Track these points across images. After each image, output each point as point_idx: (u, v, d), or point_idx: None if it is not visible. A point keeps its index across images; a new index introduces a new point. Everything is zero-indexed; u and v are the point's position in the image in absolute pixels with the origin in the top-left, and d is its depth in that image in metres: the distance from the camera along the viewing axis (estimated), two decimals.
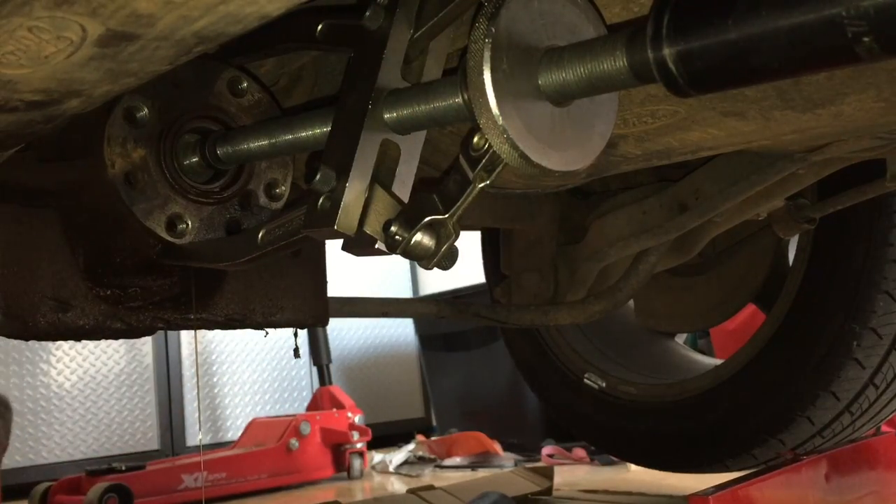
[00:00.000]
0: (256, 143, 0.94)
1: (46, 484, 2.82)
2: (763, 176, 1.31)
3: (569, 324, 1.75)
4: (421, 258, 0.73)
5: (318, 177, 0.75)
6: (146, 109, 0.97)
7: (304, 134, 0.88)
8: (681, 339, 2.35)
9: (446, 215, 0.72)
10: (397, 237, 0.73)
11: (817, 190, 1.58)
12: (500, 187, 1.34)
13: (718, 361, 1.98)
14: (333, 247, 1.41)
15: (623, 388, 1.98)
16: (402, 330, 4.74)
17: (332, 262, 1.35)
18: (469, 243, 2.89)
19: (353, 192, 0.74)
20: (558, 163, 0.65)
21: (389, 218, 0.74)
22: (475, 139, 0.67)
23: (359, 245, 0.76)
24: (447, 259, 0.74)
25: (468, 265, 2.91)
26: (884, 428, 1.95)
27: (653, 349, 2.21)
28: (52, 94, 0.70)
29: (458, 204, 0.71)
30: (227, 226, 1.03)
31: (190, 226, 0.99)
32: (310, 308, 1.30)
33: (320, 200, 0.75)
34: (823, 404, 1.60)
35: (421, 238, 0.72)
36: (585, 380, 2.03)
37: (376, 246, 0.74)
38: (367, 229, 0.74)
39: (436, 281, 4.80)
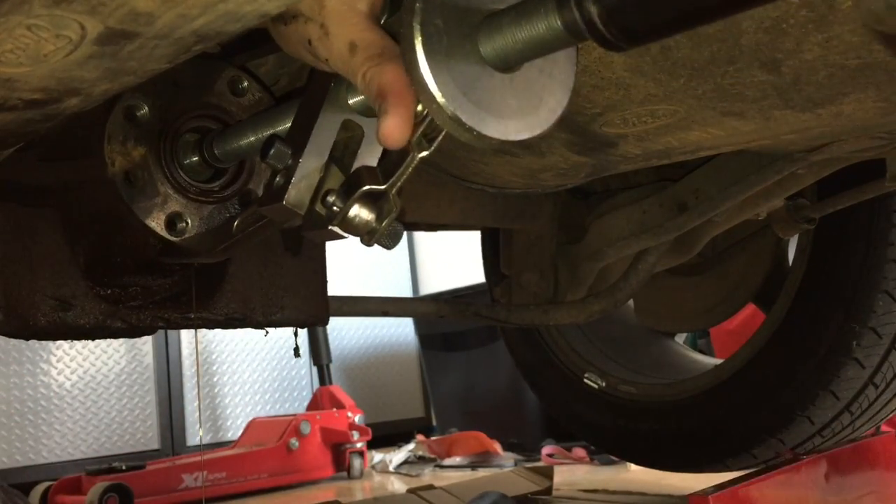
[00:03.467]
0: (246, 140, 0.94)
1: (46, 484, 2.82)
2: (763, 176, 1.31)
3: (569, 323, 1.75)
4: (360, 233, 0.72)
5: (272, 152, 0.75)
6: (146, 108, 0.97)
7: (283, 126, 0.88)
8: (681, 338, 2.35)
9: (385, 186, 0.70)
10: (335, 208, 0.73)
11: (817, 190, 1.58)
12: (499, 187, 1.34)
13: (718, 361, 1.98)
14: (333, 246, 1.41)
15: (623, 387, 1.98)
16: (402, 330, 4.74)
17: (333, 261, 1.36)
18: (469, 243, 2.90)
19: (306, 169, 0.74)
20: (497, 130, 0.62)
21: (329, 188, 0.74)
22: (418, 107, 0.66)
23: (314, 226, 0.75)
24: (389, 237, 0.72)
25: (468, 265, 2.91)
26: (883, 428, 1.95)
27: (653, 349, 2.21)
28: (52, 93, 0.70)
29: (398, 174, 0.69)
30: (227, 224, 1.03)
31: (190, 224, 1.00)
32: (310, 307, 1.30)
33: (276, 178, 0.75)
34: (823, 404, 1.60)
35: (359, 211, 0.71)
36: (585, 379, 2.03)
37: (331, 228, 0.73)
38: (318, 208, 0.74)
39: (436, 281, 4.80)
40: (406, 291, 4.93)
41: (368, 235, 0.72)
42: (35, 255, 1.07)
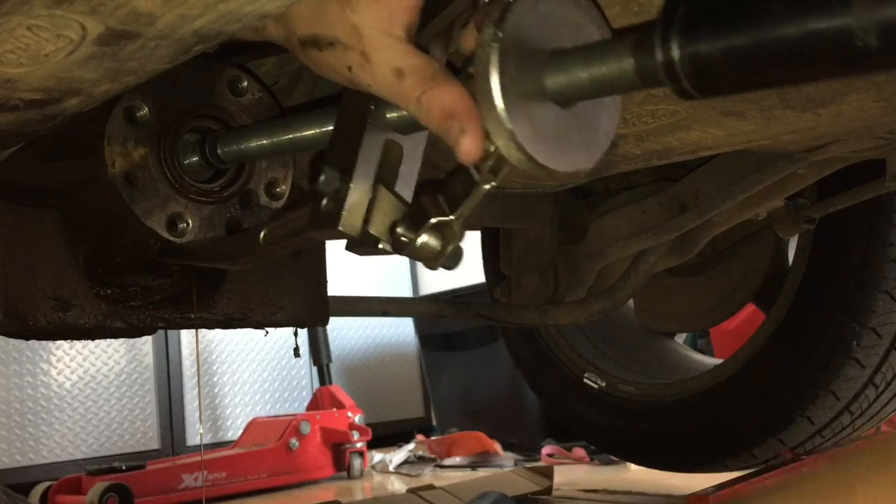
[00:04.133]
0: (257, 143, 0.94)
1: (46, 484, 2.82)
2: (763, 176, 1.31)
3: (568, 323, 1.75)
4: (427, 259, 0.73)
5: (321, 178, 0.75)
6: (146, 108, 0.97)
7: (304, 133, 0.89)
8: (680, 338, 2.35)
9: (452, 217, 0.72)
10: (403, 238, 0.74)
11: (817, 190, 1.58)
12: (500, 187, 1.34)
13: (718, 361, 1.98)
14: (334, 246, 1.41)
15: (623, 387, 1.98)
16: (402, 330, 4.74)
17: (333, 261, 1.36)
18: (469, 243, 2.89)
19: (357, 193, 0.74)
20: (565, 164, 0.65)
21: (395, 219, 0.75)
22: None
23: (363, 245, 0.76)
24: (452, 259, 0.74)
25: (468, 265, 2.91)
26: (883, 428, 1.95)
27: (653, 349, 2.21)
28: (52, 93, 0.70)
29: (464, 205, 0.71)
30: (228, 225, 1.03)
31: (190, 225, 1.00)
32: (310, 307, 1.30)
33: (324, 201, 0.76)
34: (823, 404, 1.60)
35: (427, 239, 0.72)
36: (585, 379, 2.03)
37: (380, 246, 0.75)
38: (372, 230, 0.74)
39: (436, 281, 4.80)
40: (406, 291, 4.93)
41: (434, 260, 0.73)
42: (35, 255, 1.07)
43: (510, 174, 0.67)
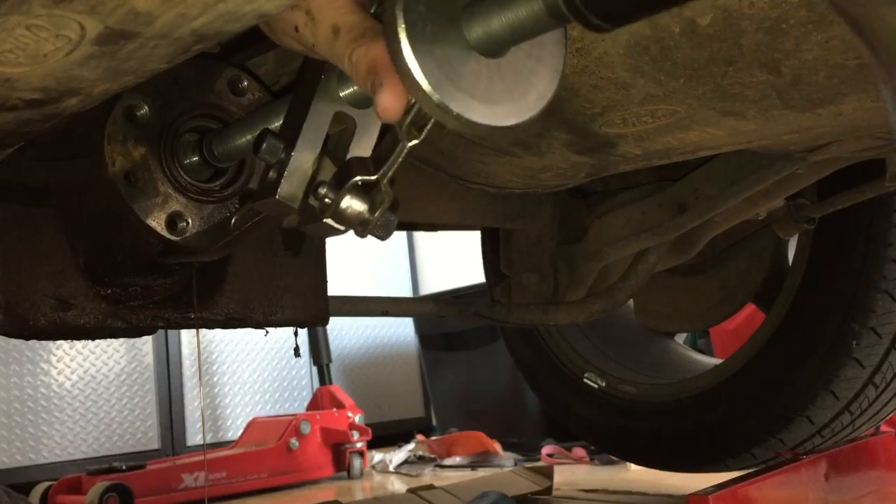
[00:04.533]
0: (243, 138, 0.94)
1: (46, 484, 2.82)
2: (762, 176, 1.31)
3: (568, 323, 1.75)
4: (353, 224, 0.72)
5: (264, 146, 0.75)
6: (146, 108, 0.97)
7: (277, 122, 0.88)
8: (680, 338, 2.35)
9: (376, 176, 0.70)
10: (326, 199, 0.72)
11: (817, 190, 1.58)
12: (499, 187, 1.34)
13: (718, 361, 1.98)
14: (334, 246, 1.41)
15: (623, 387, 1.98)
16: (402, 330, 4.74)
17: (333, 261, 1.36)
18: (469, 243, 2.90)
19: (298, 163, 0.73)
20: (486, 116, 0.62)
21: (321, 180, 0.74)
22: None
23: (310, 220, 0.75)
24: (383, 228, 0.72)
25: (468, 265, 2.91)
26: (883, 427, 1.95)
27: (652, 349, 2.21)
28: (51, 93, 0.70)
29: (388, 164, 0.69)
30: (225, 222, 1.03)
31: (190, 224, 1.00)
32: (310, 307, 1.30)
33: (269, 173, 0.75)
34: (823, 404, 1.60)
35: (351, 202, 0.71)
36: (585, 379, 2.03)
37: (326, 221, 0.73)
38: (311, 201, 0.74)
39: (436, 280, 4.80)
40: (406, 291, 4.93)
41: (362, 227, 0.72)
42: (35, 255, 1.07)
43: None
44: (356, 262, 4.37)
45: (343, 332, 4.56)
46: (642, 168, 1.30)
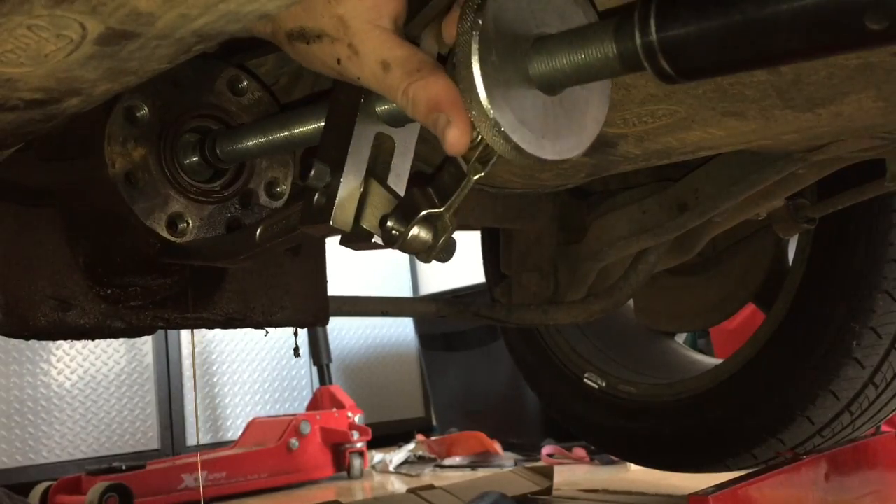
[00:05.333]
0: (254, 141, 0.94)
1: (46, 484, 2.82)
2: (763, 176, 1.31)
3: (569, 323, 1.75)
4: (418, 252, 0.73)
5: (312, 173, 0.75)
6: (146, 108, 0.97)
7: (298, 130, 0.88)
8: (680, 338, 2.35)
9: (442, 208, 0.71)
10: (394, 231, 0.73)
11: (817, 190, 1.58)
12: (499, 187, 1.34)
13: (718, 361, 1.98)
14: (334, 246, 1.41)
15: (623, 387, 1.98)
16: (402, 330, 4.74)
17: (333, 261, 1.35)
18: (469, 243, 2.90)
19: (348, 187, 0.74)
20: (552, 152, 0.64)
21: (385, 213, 0.74)
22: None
23: (356, 240, 0.76)
24: (444, 252, 0.73)
25: (468, 265, 2.92)
26: (883, 427, 1.95)
27: (653, 349, 2.21)
28: (52, 93, 0.70)
29: (454, 196, 0.71)
30: (228, 224, 1.03)
31: (191, 225, 1.00)
32: (310, 307, 1.30)
33: (315, 196, 0.75)
34: (823, 404, 1.60)
35: (418, 232, 0.72)
36: (585, 379, 2.03)
37: (374, 241, 0.74)
38: (364, 224, 0.74)
39: (436, 280, 4.80)
40: (406, 291, 4.93)
41: (425, 254, 0.73)
42: (35, 255, 1.07)
43: (504, 171, 0.67)
44: (356, 262, 4.37)
45: (343, 332, 4.56)
46: (642, 168, 1.30)
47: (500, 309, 1.75)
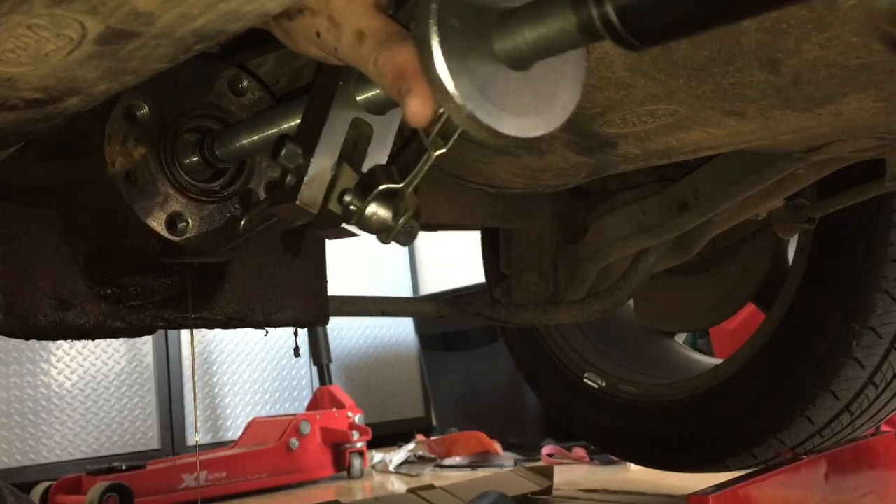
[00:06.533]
0: (247, 139, 0.94)
1: (46, 483, 2.82)
2: (763, 176, 1.31)
3: (569, 323, 1.75)
4: (377, 231, 0.72)
5: (283, 152, 0.75)
6: (146, 108, 0.97)
7: (286, 125, 0.88)
8: (680, 338, 2.35)
9: (402, 184, 0.71)
10: (352, 207, 0.73)
11: (817, 190, 1.58)
12: (499, 187, 1.34)
13: (718, 361, 1.98)
14: (334, 246, 1.41)
15: (623, 387, 1.98)
16: (402, 330, 4.74)
17: (333, 261, 1.36)
18: (469, 243, 2.90)
19: (318, 168, 0.74)
20: (514, 128, 0.63)
21: (345, 187, 0.74)
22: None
23: (326, 223, 0.75)
24: (406, 234, 0.73)
25: (468, 265, 2.91)
26: (883, 427, 1.95)
27: (652, 349, 2.21)
28: (52, 93, 0.70)
29: (414, 172, 0.70)
30: (233, 224, 1.03)
31: (190, 224, 1.00)
32: (310, 307, 1.30)
33: (288, 177, 0.75)
34: (823, 404, 1.60)
35: (376, 209, 0.71)
36: (585, 379, 2.03)
37: (345, 226, 0.74)
38: (332, 206, 0.74)
39: (436, 280, 4.80)
40: (406, 291, 4.93)
41: (385, 233, 0.72)
42: (35, 255, 1.07)
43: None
44: (356, 262, 4.37)
45: (343, 332, 4.56)
46: (642, 168, 1.30)
47: (500, 309, 1.75)
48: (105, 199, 0.98)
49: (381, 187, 0.71)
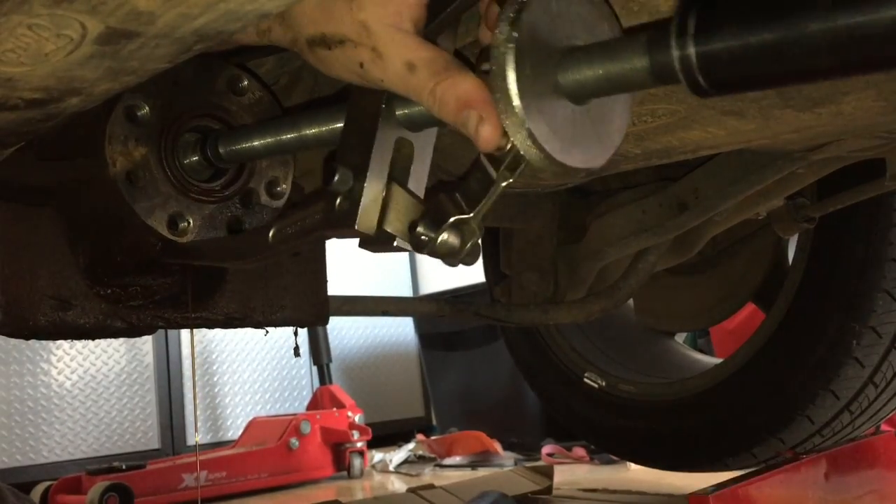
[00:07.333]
0: (261, 142, 0.94)
1: (46, 483, 2.82)
2: (763, 175, 1.31)
3: (568, 323, 1.75)
4: (446, 256, 0.74)
5: (337, 178, 0.75)
6: (147, 108, 0.97)
7: (310, 132, 0.89)
8: (680, 338, 2.35)
9: (471, 214, 0.73)
10: (423, 237, 0.74)
11: (817, 189, 1.58)
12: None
13: (718, 360, 1.98)
14: (334, 246, 1.41)
15: (623, 387, 1.98)
16: (402, 329, 4.74)
17: (333, 261, 1.35)
18: None
19: (372, 192, 0.75)
20: (580, 160, 0.66)
21: (413, 218, 0.75)
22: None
23: (378, 243, 0.76)
24: (470, 256, 0.75)
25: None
26: (883, 427, 1.95)
27: (652, 348, 2.21)
28: (52, 92, 0.70)
29: (483, 203, 0.72)
30: (229, 224, 1.03)
31: (191, 224, 1.00)
32: (310, 307, 1.30)
33: (338, 200, 0.76)
34: (823, 403, 1.60)
35: (447, 237, 0.73)
36: (585, 379, 2.03)
37: (395, 244, 0.75)
38: (388, 228, 0.75)
39: (436, 280, 4.80)
40: (406, 291, 4.93)
41: (452, 257, 0.74)
42: (35, 254, 1.07)
43: (526, 171, 0.68)
44: (356, 262, 4.37)
45: (343, 332, 4.56)
46: (642, 167, 1.30)
47: (500, 308, 1.75)
48: (106, 199, 0.98)
49: (453, 219, 0.73)
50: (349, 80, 0.74)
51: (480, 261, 2.16)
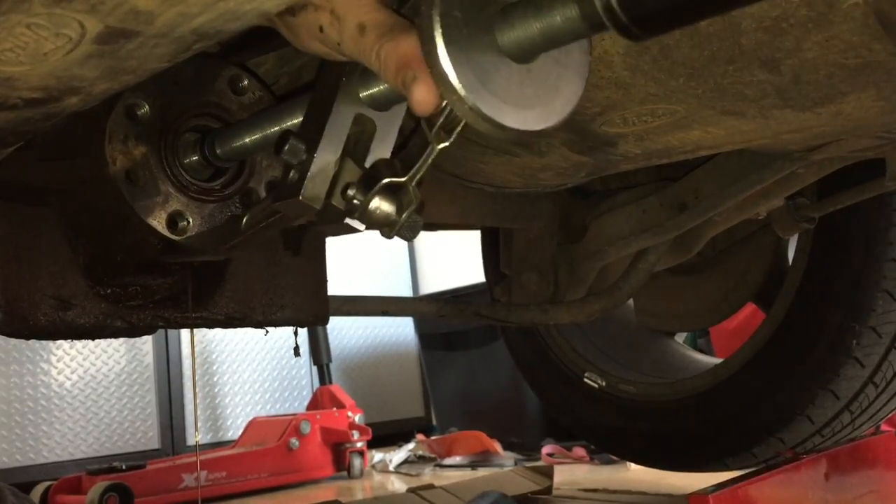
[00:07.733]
0: (249, 137, 0.94)
1: (46, 483, 2.82)
2: (762, 175, 1.31)
3: (569, 323, 1.75)
4: (381, 225, 0.73)
5: (286, 147, 0.75)
6: (147, 107, 0.97)
7: (290, 122, 0.89)
8: (680, 338, 2.35)
9: (405, 178, 0.71)
10: (355, 201, 0.73)
11: (817, 189, 1.58)
12: (499, 186, 1.34)
13: (718, 360, 1.98)
14: (334, 246, 1.41)
15: (623, 387, 1.98)
16: (402, 329, 4.74)
17: (333, 261, 1.35)
18: (469, 243, 2.90)
19: (321, 163, 0.74)
20: (516, 121, 0.63)
21: (348, 182, 0.74)
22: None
23: (329, 219, 0.76)
24: (409, 229, 0.73)
25: (468, 265, 2.91)
26: (883, 427, 1.95)
27: (652, 348, 2.21)
28: (51, 92, 0.70)
29: (417, 166, 0.70)
30: (235, 222, 1.03)
31: (191, 223, 1.00)
32: (310, 307, 1.30)
33: (290, 174, 0.76)
34: (823, 403, 1.60)
35: (379, 203, 0.72)
36: (585, 379, 2.03)
37: (348, 221, 0.74)
38: (335, 202, 0.74)
39: (436, 280, 4.80)
40: (406, 291, 4.92)
41: (388, 228, 0.72)
42: (35, 254, 1.07)
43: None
44: (356, 262, 4.37)
45: (343, 332, 4.56)
46: (642, 167, 1.30)
47: (500, 308, 1.75)
48: (106, 198, 0.98)
49: (385, 181, 0.71)
50: (314, 50, 0.74)
51: (480, 261, 2.17)
